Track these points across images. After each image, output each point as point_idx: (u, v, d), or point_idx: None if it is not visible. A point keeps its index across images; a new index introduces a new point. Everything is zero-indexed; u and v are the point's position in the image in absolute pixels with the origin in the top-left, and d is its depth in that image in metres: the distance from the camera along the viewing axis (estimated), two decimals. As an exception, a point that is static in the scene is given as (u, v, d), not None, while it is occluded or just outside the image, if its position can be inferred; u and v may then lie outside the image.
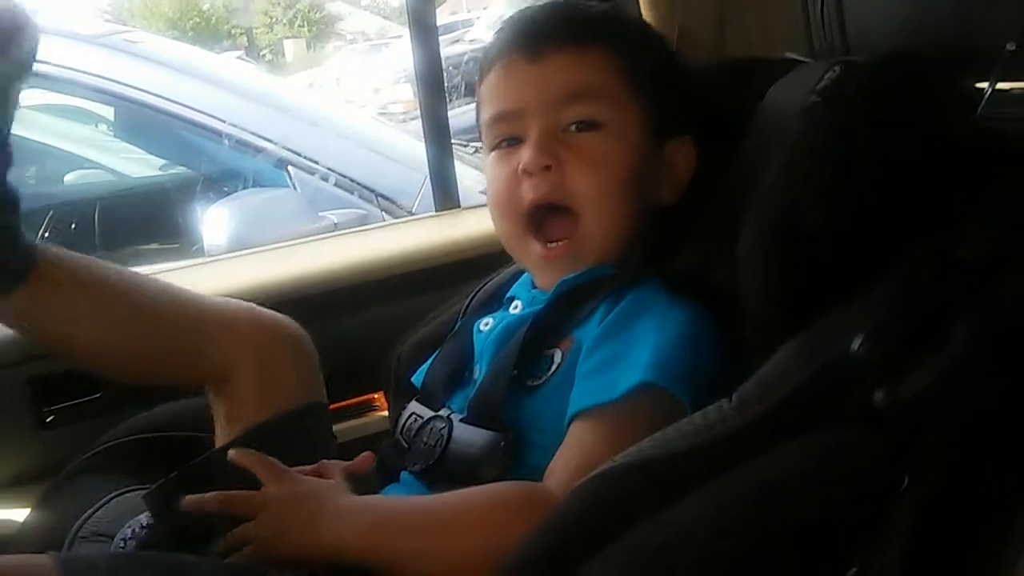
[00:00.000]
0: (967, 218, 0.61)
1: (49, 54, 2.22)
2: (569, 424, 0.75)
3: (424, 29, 1.38)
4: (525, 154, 0.82)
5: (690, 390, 0.73)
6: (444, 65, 1.48)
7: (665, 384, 0.73)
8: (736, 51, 1.22)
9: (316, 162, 2.13)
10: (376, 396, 1.32)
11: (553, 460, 0.74)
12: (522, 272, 0.94)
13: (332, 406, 1.29)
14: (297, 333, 1.00)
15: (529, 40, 0.85)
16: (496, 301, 0.95)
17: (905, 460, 0.58)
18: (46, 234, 2.47)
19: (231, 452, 0.80)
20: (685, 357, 0.75)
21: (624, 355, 0.75)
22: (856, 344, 0.58)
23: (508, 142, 0.86)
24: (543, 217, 0.85)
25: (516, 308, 0.89)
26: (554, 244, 0.84)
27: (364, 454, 0.87)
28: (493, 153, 0.88)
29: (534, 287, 0.90)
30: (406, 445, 0.86)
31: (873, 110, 0.65)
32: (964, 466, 0.58)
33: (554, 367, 0.80)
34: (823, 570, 0.57)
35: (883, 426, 0.57)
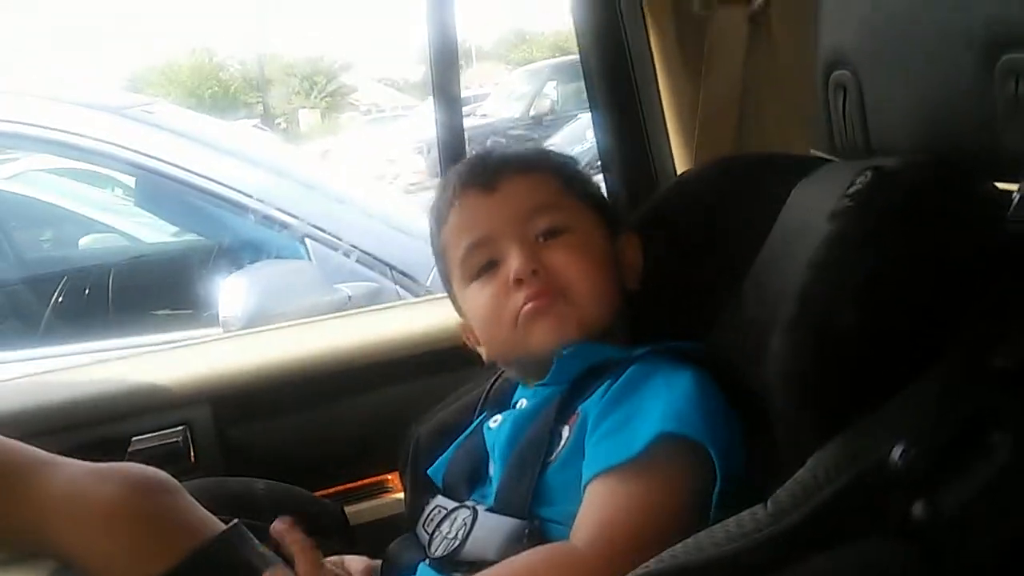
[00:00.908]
0: (1004, 325, 0.61)
1: (76, 124, 2.28)
2: (586, 487, 0.76)
3: (448, 101, 1.40)
4: (514, 263, 0.87)
5: (710, 436, 0.74)
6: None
7: (685, 431, 0.74)
8: (755, 148, 1.24)
9: (339, 238, 2.15)
10: (390, 477, 1.30)
11: (577, 521, 0.74)
12: None
13: (346, 486, 1.29)
14: (144, 491, 0.84)
15: (481, 175, 0.93)
16: (503, 402, 0.97)
17: (945, 574, 0.57)
18: (60, 299, 2.48)
19: (276, 524, 0.79)
20: (699, 406, 0.77)
21: (636, 416, 0.77)
22: (896, 454, 0.57)
23: (485, 268, 0.91)
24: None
25: (521, 404, 0.91)
26: (539, 306, 0.87)
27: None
28: (473, 283, 0.92)
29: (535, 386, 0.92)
30: (427, 535, 0.85)
31: (906, 216, 0.66)
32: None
33: (563, 442, 0.82)
34: None
35: (922, 539, 0.56)
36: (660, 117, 1.32)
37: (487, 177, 0.92)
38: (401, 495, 1.16)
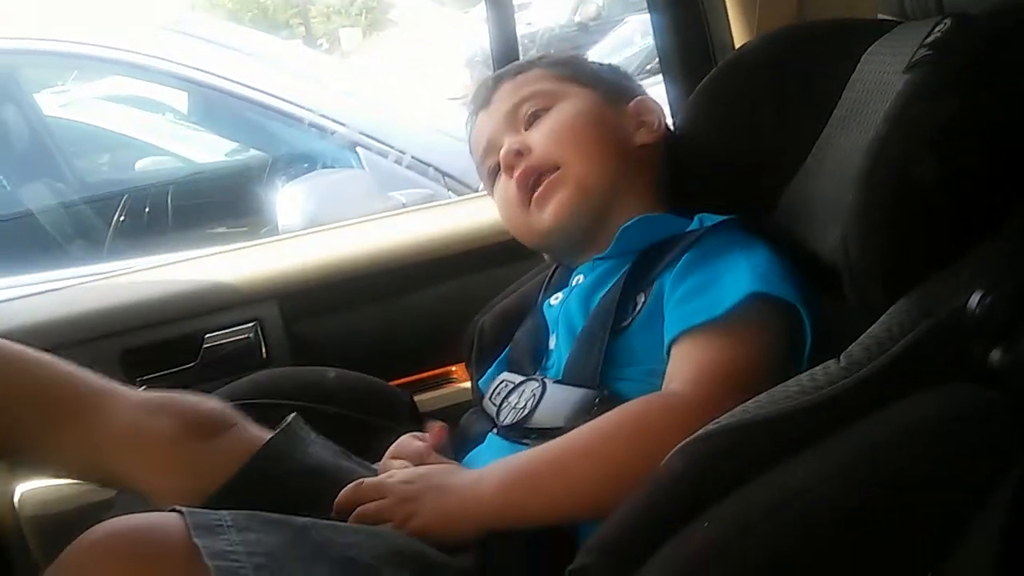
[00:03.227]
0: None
1: (129, 43, 2.29)
2: (671, 347, 0.76)
3: (500, 7, 1.38)
4: (501, 152, 0.92)
5: (800, 298, 0.74)
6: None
7: (777, 292, 0.74)
8: (818, 16, 1.19)
9: (390, 145, 2.15)
10: (455, 368, 1.33)
11: (669, 373, 0.75)
12: None
13: (412, 378, 1.32)
14: (193, 429, 0.86)
15: (480, 96, 1.00)
16: (562, 280, 0.98)
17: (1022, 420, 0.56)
18: (122, 218, 2.54)
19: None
20: (782, 271, 0.77)
21: (718, 278, 0.77)
22: (973, 302, 0.56)
23: (496, 171, 0.96)
24: (536, 188, 0.91)
25: (579, 281, 0.92)
26: (540, 186, 0.90)
27: (436, 426, 0.89)
28: (494, 186, 0.98)
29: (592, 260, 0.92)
30: (495, 407, 0.87)
31: (988, 62, 0.63)
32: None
33: (639, 307, 0.82)
34: (936, 528, 0.56)
35: (1001, 384, 0.56)
36: (722, 6, 1.27)
37: (485, 95, 0.98)
38: (467, 384, 1.19)
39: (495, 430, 0.86)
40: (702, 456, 0.62)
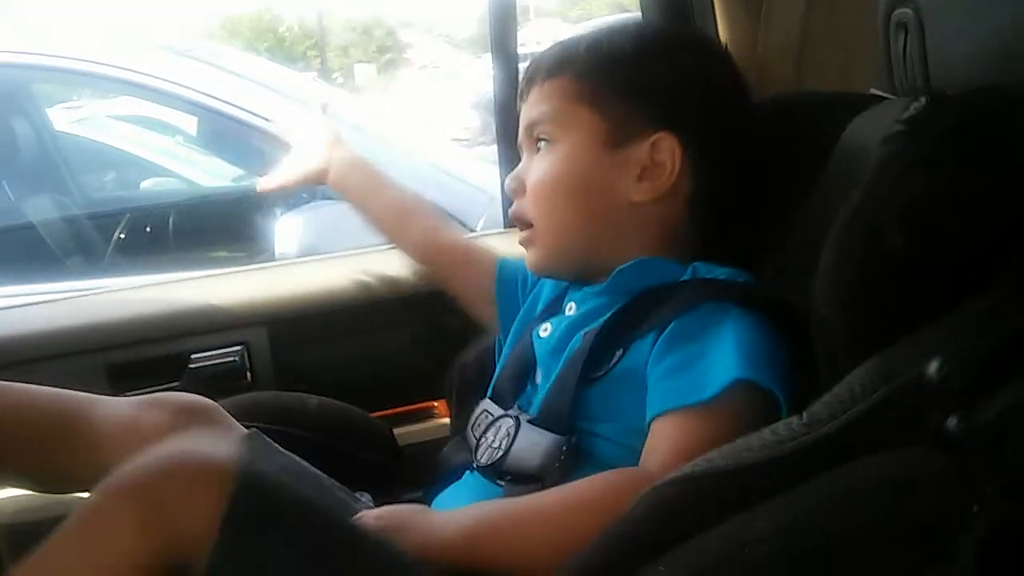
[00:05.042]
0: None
1: (143, 65, 2.33)
2: (652, 423, 0.77)
3: (505, 57, 1.42)
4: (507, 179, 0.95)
5: (781, 384, 0.76)
6: (516, 93, 1.51)
7: (759, 380, 0.75)
8: (814, 86, 1.23)
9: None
10: (436, 404, 1.35)
11: (647, 451, 0.76)
12: None
13: (394, 410, 1.33)
14: (190, 415, 0.90)
15: (527, 74, 0.96)
16: (555, 304, 0.98)
17: (976, 486, 0.58)
18: (122, 235, 2.56)
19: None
20: (769, 353, 0.78)
21: (704, 354, 0.78)
22: (933, 368, 0.58)
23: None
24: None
25: (571, 310, 0.93)
26: (522, 233, 0.94)
27: None
28: None
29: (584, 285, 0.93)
30: (475, 440, 0.88)
31: (960, 139, 0.66)
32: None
33: (615, 360, 0.83)
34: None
35: (955, 451, 0.57)
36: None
37: (524, 84, 0.96)
38: (447, 420, 1.20)
39: (473, 466, 0.87)
40: (664, 503, 0.64)
